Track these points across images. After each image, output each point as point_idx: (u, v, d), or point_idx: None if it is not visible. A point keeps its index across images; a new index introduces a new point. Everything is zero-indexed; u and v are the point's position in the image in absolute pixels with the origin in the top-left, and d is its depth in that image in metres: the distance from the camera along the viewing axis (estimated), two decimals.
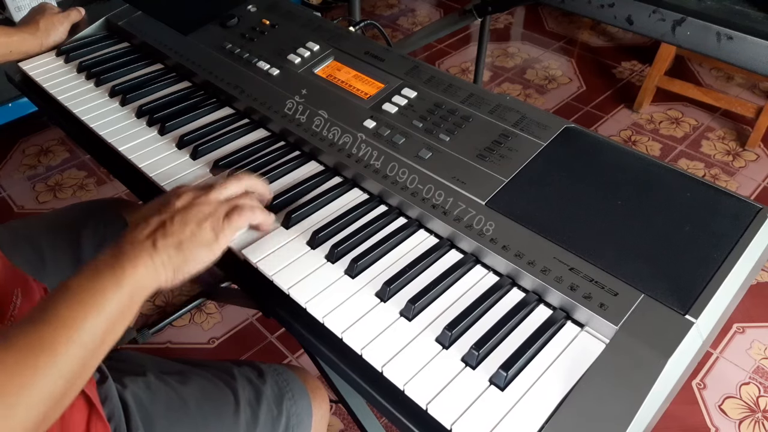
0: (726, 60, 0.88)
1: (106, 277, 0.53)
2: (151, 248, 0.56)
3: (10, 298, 0.62)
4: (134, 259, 0.55)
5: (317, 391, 0.82)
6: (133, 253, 0.55)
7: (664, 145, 2.10)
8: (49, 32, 1.02)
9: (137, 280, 0.54)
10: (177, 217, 0.59)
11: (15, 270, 0.66)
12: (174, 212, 0.59)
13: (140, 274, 0.55)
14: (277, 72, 0.89)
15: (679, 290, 0.56)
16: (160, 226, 0.58)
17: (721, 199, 0.64)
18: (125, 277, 0.53)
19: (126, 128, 0.86)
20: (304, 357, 1.46)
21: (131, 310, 0.55)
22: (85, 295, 0.51)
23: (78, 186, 1.98)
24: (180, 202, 0.60)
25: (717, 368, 1.44)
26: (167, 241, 0.57)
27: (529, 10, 2.92)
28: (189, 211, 0.59)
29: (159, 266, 0.56)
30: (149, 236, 0.57)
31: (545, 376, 0.54)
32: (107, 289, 0.52)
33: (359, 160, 0.75)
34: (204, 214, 0.60)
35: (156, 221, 0.58)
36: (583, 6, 1.01)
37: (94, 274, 0.53)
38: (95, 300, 0.51)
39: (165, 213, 0.59)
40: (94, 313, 0.51)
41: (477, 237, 0.64)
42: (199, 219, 0.59)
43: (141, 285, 0.55)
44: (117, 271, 0.53)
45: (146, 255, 0.55)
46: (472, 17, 1.64)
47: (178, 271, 0.57)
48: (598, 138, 0.73)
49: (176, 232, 0.58)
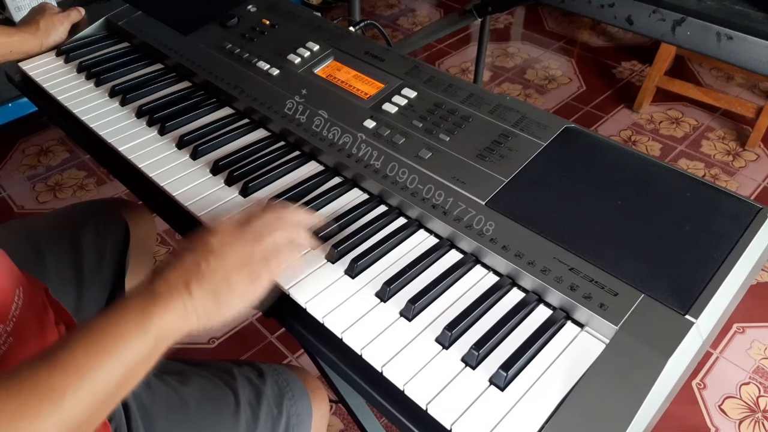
0: (726, 60, 0.88)
1: (132, 320, 0.50)
2: (184, 292, 0.52)
3: (12, 299, 0.62)
4: (165, 303, 0.51)
5: (317, 391, 0.82)
6: (165, 297, 0.52)
7: (664, 145, 2.10)
8: (50, 32, 1.02)
9: (165, 326, 0.51)
10: (213, 260, 0.55)
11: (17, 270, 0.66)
12: (210, 253, 0.55)
13: (169, 320, 0.51)
14: (277, 72, 0.89)
15: (679, 290, 0.56)
16: (195, 268, 0.54)
17: (721, 199, 0.64)
18: (153, 321, 0.50)
19: (126, 128, 0.86)
20: (304, 357, 1.46)
21: (153, 358, 0.51)
22: (105, 338, 0.48)
23: (78, 186, 1.98)
24: (217, 241, 0.56)
25: (717, 368, 1.44)
26: (201, 286, 0.53)
27: (529, 10, 2.92)
28: (226, 254, 0.55)
29: (191, 312, 0.52)
30: (183, 278, 0.53)
31: (545, 376, 0.54)
32: (131, 334, 0.49)
33: (359, 160, 0.75)
34: (242, 257, 0.56)
35: (191, 262, 0.54)
36: (583, 6, 1.01)
37: (120, 315, 0.50)
38: (116, 345, 0.48)
39: (201, 253, 0.55)
40: (111, 359, 0.47)
41: (477, 237, 0.64)
42: (236, 264, 0.55)
43: (168, 331, 0.51)
44: (145, 315, 0.50)
45: (178, 300, 0.52)
46: (472, 17, 1.64)
47: (210, 318, 0.54)
48: (598, 138, 0.73)
49: (212, 276, 0.54)
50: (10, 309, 0.60)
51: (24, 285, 0.65)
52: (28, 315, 0.63)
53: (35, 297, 0.67)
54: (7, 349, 0.59)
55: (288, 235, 0.60)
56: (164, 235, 1.79)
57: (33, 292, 0.67)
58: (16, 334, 0.60)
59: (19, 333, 0.60)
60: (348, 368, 0.58)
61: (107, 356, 0.47)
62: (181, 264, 0.54)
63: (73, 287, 0.89)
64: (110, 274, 0.95)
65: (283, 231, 0.59)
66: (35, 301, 0.66)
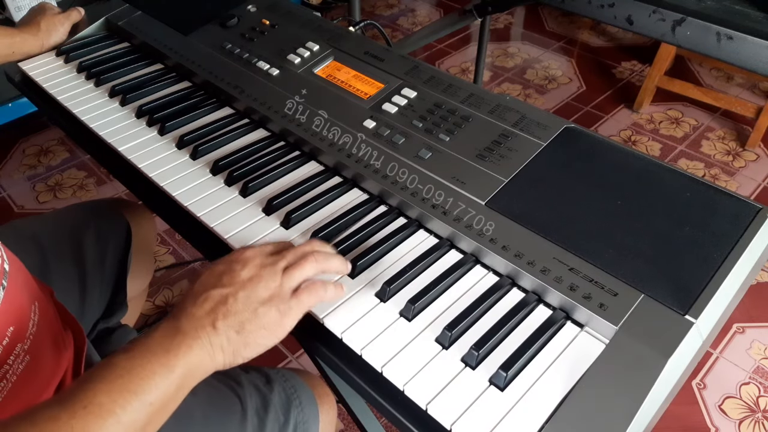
0: (726, 60, 0.88)
1: (157, 360, 0.48)
2: (210, 328, 0.51)
3: (29, 316, 0.60)
4: (191, 340, 0.50)
5: (325, 397, 0.81)
6: (191, 334, 0.50)
7: (664, 145, 2.10)
8: (51, 33, 1.02)
9: (191, 364, 0.49)
10: (241, 294, 0.53)
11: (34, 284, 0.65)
12: (238, 286, 0.53)
13: (195, 357, 0.49)
14: (277, 72, 0.89)
15: (679, 290, 0.56)
16: (222, 303, 0.52)
17: (721, 199, 0.64)
18: (178, 359, 0.48)
19: (126, 128, 0.86)
20: (304, 357, 1.46)
21: (179, 397, 0.50)
22: (129, 377, 0.46)
23: (78, 186, 1.98)
24: (245, 273, 0.54)
25: (717, 368, 1.44)
26: (228, 322, 0.51)
27: (529, 10, 2.92)
28: (254, 287, 0.54)
29: (217, 349, 0.51)
30: (209, 314, 0.51)
31: (545, 376, 0.54)
32: (156, 373, 0.47)
33: (359, 160, 0.75)
34: (270, 291, 0.54)
35: (217, 296, 0.52)
36: (583, 6, 1.01)
37: (144, 353, 0.48)
38: (141, 386, 0.46)
39: (228, 286, 0.53)
40: (136, 400, 0.45)
41: (477, 237, 0.64)
42: (264, 298, 0.53)
43: (195, 369, 0.50)
44: (170, 353, 0.48)
45: (204, 337, 0.50)
46: (472, 17, 1.64)
47: (237, 355, 0.52)
48: (598, 138, 0.73)
49: (239, 312, 0.52)
50: (27, 327, 0.59)
51: (39, 298, 0.64)
52: (43, 329, 0.62)
53: (48, 309, 0.66)
54: (24, 367, 0.58)
55: (319, 267, 0.58)
56: (164, 235, 1.79)
57: (45, 303, 0.66)
58: (33, 351, 0.59)
59: (35, 350, 0.60)
60: (348, 368, 0.58)
61: (132, 397, 0.45)
62: (208, 298, 0.52)
63: (76, 289, 0.89)
64: (112, 274, 0.95)
65: (315, 263, 0.57)
66: (48, 314, 0.66)
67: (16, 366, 0.57)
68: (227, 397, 0.74)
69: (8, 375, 0.56)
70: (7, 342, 0.56)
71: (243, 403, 0.73)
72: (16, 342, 0.57)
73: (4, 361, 0.55)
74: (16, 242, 0.86)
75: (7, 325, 0.56)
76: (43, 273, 0.85)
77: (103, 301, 0.93)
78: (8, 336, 0.56)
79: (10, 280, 0.57)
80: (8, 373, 0.56)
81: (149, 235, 1.09)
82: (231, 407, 0.73)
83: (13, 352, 0.57)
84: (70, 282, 0.88)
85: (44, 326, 0.63)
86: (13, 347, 0.57)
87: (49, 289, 0.73)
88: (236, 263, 0.56)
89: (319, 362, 0.83)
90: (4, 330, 0.56)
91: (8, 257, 0.60)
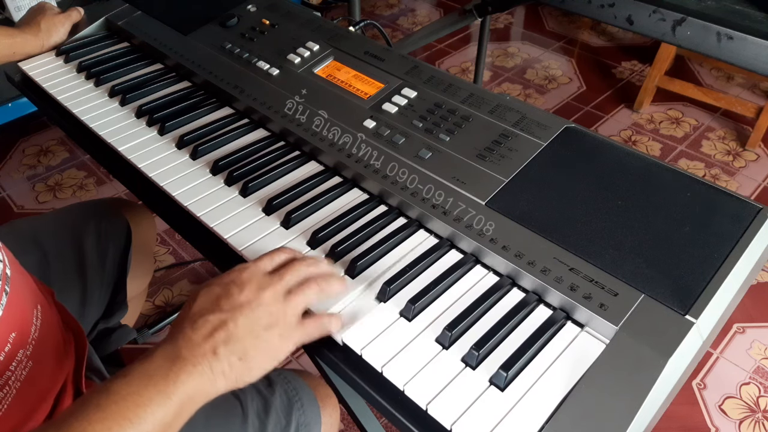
0: (726, 60, 0.88)
1: (154, 386, 0.46)
2: (210, 355, 0.49)
3: (31, 322, 0.59)
4: (191, 367, 0.48)
5: (327, 398, 0.81)
6: (190, 360, 0.48)
7: (664, 145, 2.10)
8: (51, 33, 1.02)
9: (190, 391, 0.48)
10: (241, 319, 0.51)
11: (36, 289, 0.64)
12: (237, 310, 0.52)
13: (194, 384, 0.48)
14: (277, 72, 0.89)
15: (680, 290, 0.56)
16: (221, 328, 0.50)
17: (721, 199, 0.64)
18: (177, 387, 0.47)
19: (126, 128, 0.86)
20: (303, 357, 1.46)
21: (178, 424, 0.48)
22: (125, 404, 0.45)
23: (78, 186, 1.98)
24: (244, 296, 0.53)
25: (717, 368, 1.44)
26: (229, 348, 0.50)
27: (529, 10, 2.92)
28: (255, 310, 0.52)
29: (218, 375, 0.49)
30: (207, 339, 0.50)
31: (545, 376, 0.54)
32: (153, 401, 0.46)
33: (359, 160, 0.75)
34: (273, 317, 0.53)
35: (216, 320, 0.51)
36: (583, 6, 1.01)
37: (141, 380, 0.47)
38: (137, 413, 0.45)
39: (227, 310, 0.51)
40: (132, 429, 0.44)
41: (477, 237, 0.64)
42: (266, 324, 0.52)
43: (194, 396, 0.48)
44: (168, 380, 0.47)
45: (204, 363, 0.49)
46: (472, 17, 1.64)
47: (240, 380, 0.51)
48: (598, 138, 0.73)
49: (241, 338, 0.50)
50: (30, 332, 0.59)
51: (41, 301, 0.64)
52: (45, 333, 0.62)
53: (49, 312, 0.66)
54: (27, 373, 0.58)
55: (322, 293, 0.57)
56: (164, 235, 1.79)
57: (47, 306, 0.66)
58: (35, 356, 0.59)
59: (37, 355, 0.60)
60: (348, 368, 0.58)
61: (127, 425, 0.44)
62: (207, 323, 0.51)
63: (76, 289, 0.88)
64: (112, 274, 0.95)
65: (317, 289, 0.57)
66: (50, 317, 0.65)
67: (18, 372, 0.57)
68: (228, 399, 0.73)
69: (11, 382, 0.56)
70: (10, 348, 0.55)
71: (244, 405, 0.73)
72: (18, 348, 0.57)
73: (6, 368, 0.55)
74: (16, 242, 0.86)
75: (9, 332, 0.56)
76: (43, 273, 0.85)
77: (103, 301, 0.93)
78: (10, 342, 0.56)
79: (12, 285, 0.57)
80: (11, 380, 0.56)
81: (149, 235, 1.09)
82: (232, 410, 0.72)
83: (16, 358, 0.56)
84: (70, 282, 0.88)
85: (46, 330, 0.62)
86: (15, 353, 0.56)
87: (50, 291, 0.72)
88: (233, 285, 0.54)
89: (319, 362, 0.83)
90: (6, 336, 0.55)
91: (9, 261, 0.60)
